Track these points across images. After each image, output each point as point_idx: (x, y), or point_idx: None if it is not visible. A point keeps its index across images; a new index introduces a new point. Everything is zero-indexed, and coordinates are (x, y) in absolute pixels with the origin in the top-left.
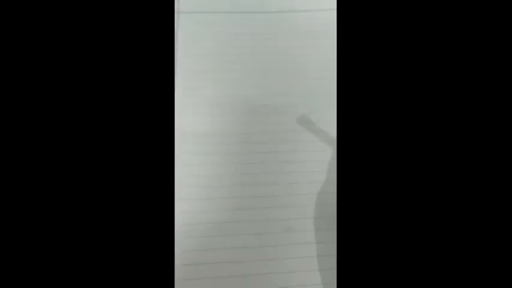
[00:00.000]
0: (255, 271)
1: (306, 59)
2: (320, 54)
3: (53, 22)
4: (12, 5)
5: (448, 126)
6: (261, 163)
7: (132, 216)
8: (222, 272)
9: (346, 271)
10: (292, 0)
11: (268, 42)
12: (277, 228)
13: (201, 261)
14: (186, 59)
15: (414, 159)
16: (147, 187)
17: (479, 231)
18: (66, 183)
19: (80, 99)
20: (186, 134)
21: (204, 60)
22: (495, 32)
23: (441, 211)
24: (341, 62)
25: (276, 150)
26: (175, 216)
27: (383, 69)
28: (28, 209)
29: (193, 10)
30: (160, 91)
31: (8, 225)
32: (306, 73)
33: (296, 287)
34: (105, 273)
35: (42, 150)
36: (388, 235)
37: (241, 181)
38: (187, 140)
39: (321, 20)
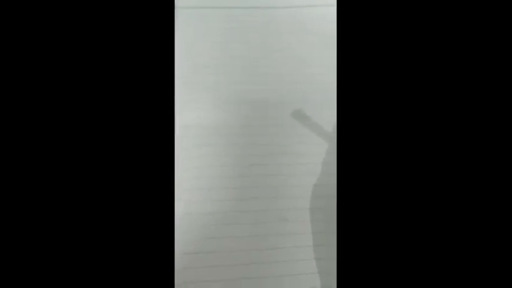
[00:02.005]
0: (254, 260)
1: (306, 55)
2: (320, 50)
3: (53, 19)
4: (12, 5)
5: (447, 122)
6: (261, 155)
7: (134, 208)
8: (222, 261)
9: (346, 263)
10: None
11: (269, 38)
12: (276, 218)
13: (202, 250)
14: (186, 54)
15: (413, 155)
16: (148, 179)
17: (479, 230)
18: (69, 177)
19: (81, 95)
20: (187, 127)
21: (204, 55)
22: (495, 32)
23: (440, 208)
24: (341, 58)
25: (275, 143)
26: (177, 207)
27: (383, 65)
28: (28, 207)
29: (194, 5)
30: (161, 86)
31: (8, 225)
32: (306, 68)
33: (295, 275)
34: (107, 263)
35: (42, 148)
36: (388, 230)
37: (241, 172)
38: (188, 133)
39: (322, 15)
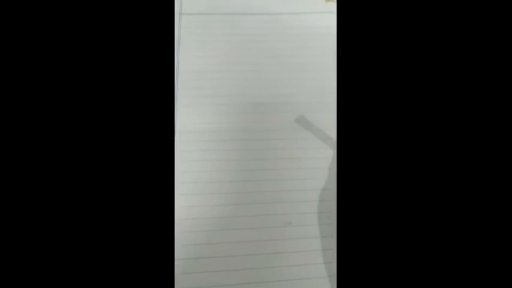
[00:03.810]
0: (253, 265)
1: (305, 60)
2: (321, 56)
3: (54, 24)
4: (12, 5)
5: (445, 123)
6: (260, 160)
7: (134, 212)
8: (221, 266)
9: (346, 265)
10: (293, 2)
11: (268, 43)
12: (276, 223)
13: (201, 256)
14: (186, 59)
15: (413, 158)
16: (148, 183)
17: (479, 229)
18: (70, 180)
19: (82, 99)
20: (186, 132)
21: (204, 61)
22: (495, 32)
23: (440, 208)
24: (341, 63)
25: (275, 147)
26: (176, 211)
27: (383, 70)
28: (28, 205)
29: (194, 12)
30: (161, 91)
31: (8, 225)
32: (305, 73)
33: (295, 280)
34: (106, 268)
35: (43, 150)
36: (387, 231)
37: (241, 177)
38: (187, 138)
39: (323, 22)
